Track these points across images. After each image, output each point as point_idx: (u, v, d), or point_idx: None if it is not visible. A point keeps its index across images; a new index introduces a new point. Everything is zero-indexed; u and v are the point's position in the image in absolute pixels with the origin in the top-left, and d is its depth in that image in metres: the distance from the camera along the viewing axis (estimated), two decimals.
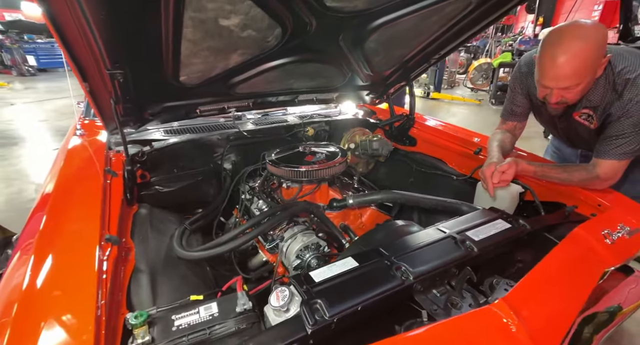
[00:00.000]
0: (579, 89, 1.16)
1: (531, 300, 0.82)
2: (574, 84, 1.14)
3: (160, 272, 1.03)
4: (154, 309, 0.82)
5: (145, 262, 1.01)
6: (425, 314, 0.83)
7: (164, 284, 1.00)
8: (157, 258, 1.08)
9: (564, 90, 1.17)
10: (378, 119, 2.28)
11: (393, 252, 1.00)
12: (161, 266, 1.06)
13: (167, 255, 1.13)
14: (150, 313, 0.80)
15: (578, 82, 1.13)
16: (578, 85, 1.14)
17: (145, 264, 1.01)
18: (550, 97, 1.21)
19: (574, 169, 1.29)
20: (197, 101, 1.50)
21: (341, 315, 0.80)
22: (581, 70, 1.11)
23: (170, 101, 1.38)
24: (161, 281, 1.00)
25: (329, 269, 0.94)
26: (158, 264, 1.06)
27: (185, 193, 1.65)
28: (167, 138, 1.65)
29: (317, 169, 1.47)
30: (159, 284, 0.99)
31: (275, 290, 0.86)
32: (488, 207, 1.29)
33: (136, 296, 0.92)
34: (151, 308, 0.82)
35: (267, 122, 2.02)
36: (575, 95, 1.19)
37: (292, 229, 1.30)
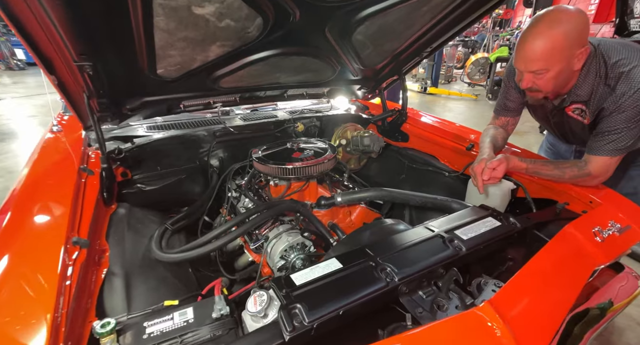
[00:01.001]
0: (550, 77, 1.13)
1: (519, 302, 0.78)
2: (542, 69, 1.11)
3: (136, 275, 0.98)
4: (125, 315, 0.78)
5: (120, 264, 0.97)
6: (410, 318, 0.80)
7: (139, 288, 0.96)
8: (133, 260, 1.03)
9: (534, 76, 1.15)
10: (371, 115, 2.24)
11: (379, 252, 0.97)
12: (137, 269, 1.01)
13: (145, 256, 1.09)
14: (120, 320, 0.76)
15: (546, 67, 1.11)
16: (547, 71, 1.12)
17: (120, 266, 0.96)
18: (521, 81, 1.19)
19: (565, 165, 1.25)
20: (180, 96, 1.44)
21: (321, 320, 0.76)
22: (549, 55, 1.08)
23: (149, 96, 1.33)
24: (136, 285, 0.96)
25: (311, 271, 0.90)
26: (134, 266, 1.01)
27: (169, 191, 1.60)
28: (150, 134, 1.59)
29: (304, 165, 1.43)
30: (134, 287, 0.95)
31: (253, 295, 0.82)
32: (479, 205, 1.26)
33: (109, 301, 0.87)
34: (121, 315, 0.78)
35: (256, 118, 1.97)
36: (546, 83, 1.15)
37: (277, 229, 1.26)
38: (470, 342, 0.69)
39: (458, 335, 0.69)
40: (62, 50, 0.85)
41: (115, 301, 0.89)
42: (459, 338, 0.69)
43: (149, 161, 1.55)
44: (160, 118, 1.78)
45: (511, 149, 1.61)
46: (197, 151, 1.73)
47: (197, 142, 1.71)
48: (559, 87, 1.21)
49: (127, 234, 1.12)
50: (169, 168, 1.62)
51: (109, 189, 1.20)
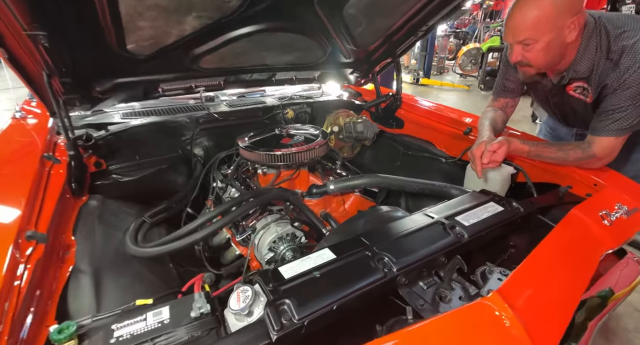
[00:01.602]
0: (539, 48, 1.08)
1: (528, 291, 0.71)
2: (529, 38, 1.07)
3: (107, 272, 0.89)
4: (89, 318, 0.69)
5: (88, 261, 0.87)
6: (411, 311, 0.72)
7: (110, 286, 0.86)
8: (104, 256, 0.93)
9: (523, 49, 1.11)
10: (364, 101, 2.14)
11: (375, 241, 0.89)
12: (109, 265, 0.91)
13: (118, 251, 0.99)
14: (83, 323, 0.67)
15: (534, 37, 1.06)
16: (535, 41, 1.07)
17: (89, 263, 0.86)
18: (510, 55, 1.15)
19: (569, 147, 1.19)
20: (157, 77, 1.32)
21: (313, 316, 0.68)
22: (536, 23, 1.04)
23: (122, 76, 1.21)
24: (107, 283, 0.86)
25: (301, 263, 0.82)
26: (105, 262, 0.91)
27: (149, 183, 1.49)
28: (127, 121, 1.47)
29: (294, 152, 1.33)
30: (104, 286, 0.85)
31: (236, 290, 0.74)
32: (479, 190, 1.19)
33: (75, 302, 0.78)
34: (85, 317, 0.69)
35: (243, 104, 1.86)
36: (536, 55, 1.10)
37: (266, 219, 1.17)
38: (479, 336, 0.61)
39: (466, 329, 0.62)
40: (8, 17, 0.73)
41: (83, 302, 0.79)
42: (467, 332, 0.62)
43: (126, 150, 1.44)
44: (137, 104, 1.66)
45: (509, 131, 1.54)
46: (178, 139, 1.62)
47: (178, 130, 1.59)
48: (551, 62, 1.15)
49: (98, 228, 1.02)
50: (148, 158, 1.50)
51: (79, 179, 1.09)
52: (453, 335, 0.61)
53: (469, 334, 0.61)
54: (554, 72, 1.25)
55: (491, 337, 0.61)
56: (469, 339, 0.60)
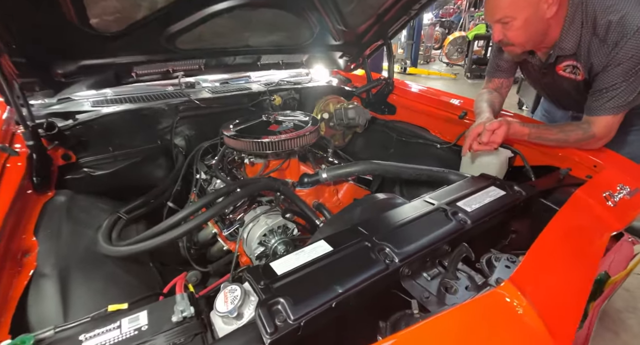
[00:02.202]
0: (518, 26, 1.07)
1: (540, 278, 0.66)
2: (506, 16, 1.06)
3: (75, 275, 0.79)
4: (51, 329, 0.60)
5: (53, 263, 0.77)
6: (416, 304, 0.66)
7: (79, 291, 0.77)
8: (72, 256, 0.83)
9: (502, 28, 1.10)
10: (354, 87, 2.06)
11: (374, 230, 0.82)
12: (78, 267, 0.82)
13: (89, 251, 0.89)
14: (42, 336, 0.58)
15: (511, 15, 1.05)
16: (513, 19, 1.06)
17: (53, 266, 0.76)
18: (492, 35, 1.15)
19: (570, 128, 1.14)
20: (129, 59, 1.20)
21: (310, 316, 0.61)
22: (511, 1, 1.03)
23: (88, 57, 1.08)
24: (76, 287, 0.77)
25: (295, 257, 0.75)
26: (73, 264, 0.81)
27: (125, 176, 1.37)
28: (97, 110, 1.34)
29: (283, 139, 1.25)
30: (72, 291, 0.75)
31: (223, 290, 0.66)
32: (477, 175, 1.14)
33: (36, 311, 0.68)
34: (46, 329, 0.60)
35: (227, 91, 1.75)
36: (516, 34, 1.09)
37: (255, 211, 1.09)
38: (495, 328, 0.56)
39: (480, 322, 0.56)
40: None
41: (46, 311, 0.70)
42: (482, 325, 0.56)
43: (98, 141, 1.31)
44: (109, 91, 1.52)
45: (504, 115, 1.50)
46: (156, 129, 1.50)
47: (156, 118, 1.47)
48: (533, 39, 1.13)
49: (66, 226, 0.91)
50: (123, 149, 1.38)
51: (43, 173, 0.98)
52: (467, 329, 0.56)
53: (484, 327, 0.56)
54: (541, 51, 1.22)
55: (507, 329, 0.55)
56: (485, 333, 0.55)
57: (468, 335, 0.55)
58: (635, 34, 0.99)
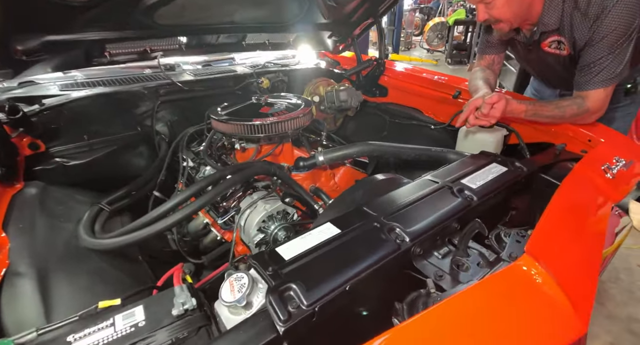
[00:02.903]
0: (501, 4, 1.08)
1: (555, 251, 0.65)
2: None
3: (56, 272, 0.71)
4: (32, 331, 0.53)
5: (28, 261, 0.69)
6: (432, 283, 0.64)
7: (63, 289, 0.69)
8: (51, 252, 0.75)
9: (486, 7, 1.10)
10: (343, 69, 2.00)
11: (381, 211, 0.79)
12: (58, 264, 0.74)
13: (70, 246, 0.81)
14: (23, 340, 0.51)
15: None
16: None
17: (29, 263, 0.68)
18: (477, 15, 1.15)
19: (565, 104, 1.15)
20: (101, 35, 1.08)
21: (324, 300, 0.57)
22: None
23: (53, 32, 0.96)
24: (59, 285, 0.69)
25: (302, 241, 0.70)
26: (53, 261, 0.74)
27: (103, 166, 1.27)
28: (67, 93, 1.22)
29: (276, 121, 1.18)
30: (54, 289, 0.68)
31: (229, 279, 0.61)
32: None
33: (12, 314, 0.61)
34: (27, 331, 0.53)
35: (210, 73, 1.64)
36: (500, 11, 1.10)
37: (251, 197, 1.03)
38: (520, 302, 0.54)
39: (501, 297, 0.55)
40: None
41: (24, 312, 0.62)
42: (503, 300, 0.54)
43: (71, 129, 1.20)
44: (79, 73, 1.38)
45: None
46: (135, 114, 1.38)
47: (133, 103, 1.36)
48: (518, 14, 1.12)
49: (40, 220, 0.82)
50: (99, 137, 1.27)
51: (7, 163, 0.87)
52: (490, 304, 0.54)
53: (507, 302, 0.54)
54: (526, 28, 1.22)
55: (530, 302, 0.54)
56: (508, 307, 0.53)
57: (492, 310, 0.53)
58: (615, 5, 0.99)
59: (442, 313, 0.50)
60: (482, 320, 0.50)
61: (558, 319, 0.51)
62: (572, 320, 0.50)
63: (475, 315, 0.51)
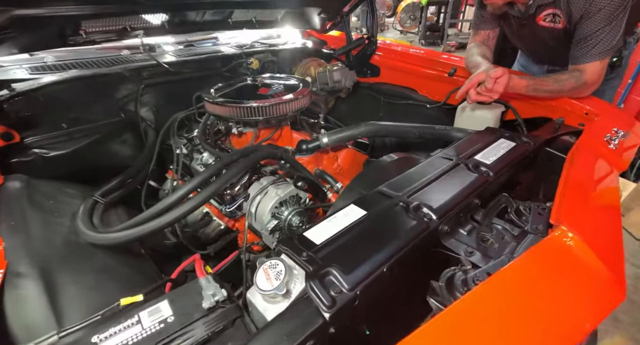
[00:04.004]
0: None
1: (582, 221, 0.67)
2: None
3: (60, 271, 0.65)
4: (53, 334, 0.47)
5: (28, 260, 0.62)
6: (468, 260, 0.64)
7: (69, 289, 0.64)
8: (50, 250, 0.68)
9: None
10: (331, 49, 1.93)
11: (401, 191, 0.78)
12: (60, 262, 0.67)
13: (70, 243, 0.74)
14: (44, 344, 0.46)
15: None
16: None
17: (29, 263, 0.62)
18: None
19: (564, 78, 1.17)
20: (76, 11, 0.96)
21: (365, 284, 0.56)
22: None
23: (22, 5, 0.83)
24: (64, 284, 0.63)
25: (329, 224, 0.68)
26: (55, 258, 0.67)
27: (86, 157, 1.17)
28: (37, 77, 1.08)
29: (276, 103, 1.12)
30: (60, 290, 0.62)
31: (262, 266, 0.58)
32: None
33: (18, 318, 0.54)
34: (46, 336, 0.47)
35: (194, 55, 1.52)
36: None
37: (259, 183, 0.98)
38: (564, 273, 0.55)
39: (547, 269, 0.55)
40: None
41: (33, 315, 0.56)
42: (548, 272, 0.55)
43: (47, 116, 1.08)
44: (50, 55, 1.24)
45: None
46: (116, 99, 1.27)
47: (114, 86, 1.24)
48: None
49: (32, 216, 0.74)
50: (79, 125, 1.16)
51: None
52: (537, 277, 0.54)
53: (554, 273, 0.55)
54: (521, 1, 1.23)
55: (575, 273, 0.55)
56: (557, 278, 0.54)
57: (541, 283, 0.53)
58: None
59: (496, 289, 0.50)
60: (535, 293, 0.51)
61: (601, 287, 0.52)
62: (613, 287, 0.52)
63: (527, 289, 0.52)
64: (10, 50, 0.96)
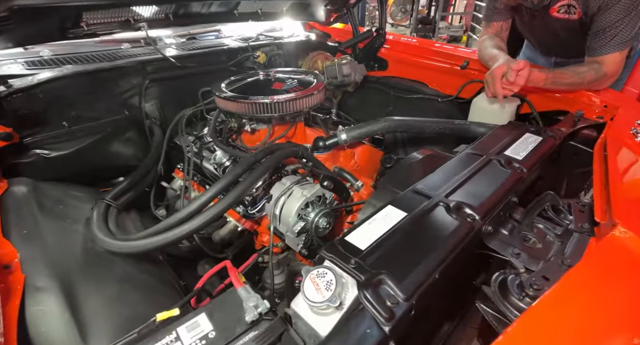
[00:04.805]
0: None
1: (635, 216, 0.65)
2: None
3: (81, 283, 0.60)
4: None
5: (47, 272, 0.57)
6: (519, 263, 0.61)
7: (92, 301, 0.59)
8: (69, 260, 0.63)
9: None
10: (336, 42, 1.88)
11: (437, 189, 0.74)
12: (80, 272, 0.62)
13: (88, 251, 0.69)
14: None
15: None
16: None
17: (49, 275, 0.57)
18: None
19: (583, 70, 1.15)
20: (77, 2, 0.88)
21: (420, 292, 0.53)
22: None
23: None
24: (86, 297, 0.59)
25: (370, 227, 0.65)
26: (74, 269, 0.62)
27: (88, 157, 1.11)
28: (35, 73, 1.01)
29: (293, 98, 1.07)
30: (82, 302, 0.57)
31: (309, 276, 0.54)
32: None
33: (42, 337, 0.49)
34: None
35: (200, 48, 1.45)
36: None
37: (282, 183, 0.93)
38: (629, 272, 0.53)
39: (612, 270, 0.53)
40: None
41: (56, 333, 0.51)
42: (616, 272, 0.53)
43: (47, 114, 1.01)
44: (46, 49, 1.15)
45: None
46: (119, 95, 1.20)
47: (118, 82, 1.17)
48: None
49: (45, 223, 0.69)
50: (82, 123, 1.09)
51: None
52: (611, 279, 0.52)
53: (624, 275, 0.52)
54: None
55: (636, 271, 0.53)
56: (622, 278, 0.52)
57: (612, 285, 0.51)
58: None
59: (567, 295, 0.47)
60: (609, 297, 0.48)
61: None
62: None
63: (600, 293, 0.49)
64: (7, 43, 0.88)
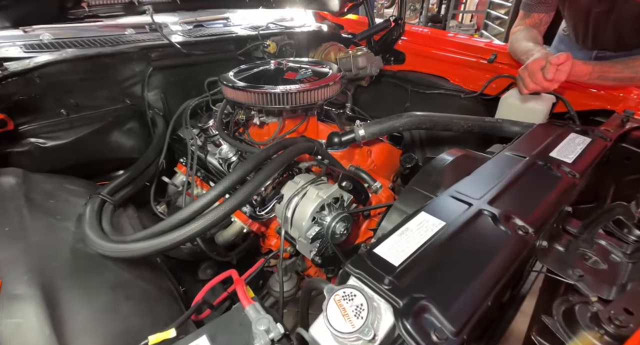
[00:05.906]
0: None
1: None
2: None
3: (66, 290, 0.51)
4: None
5: (27, 277, 0.48)
6: (588, 289, 0.50)
7: (78, 313, 0.50)
8: (54, 264, 0.54)
9: None
10: (349, 33, 1.77)
11: (477, 195, 0.64)
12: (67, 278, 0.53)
13: (77, 253, 0.59)
14: None
15: None
16: None
17: (29, 280, 0.48)
18: None
19: (636, 63, 1.03)
20: None
21: (472, 323, 0.42)
22: None
23: None
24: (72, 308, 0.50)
25: (401, 238, 0.54)
26: (60, 275, 0.53)
27: (87, 147, 1.03)
28: (32, 56, 0.92)
29: (308, 89, 0.97)
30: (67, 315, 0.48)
31: (333, 297, 0.44)
32: None
33: None
34: None
35: (207, 35, 1.35)
36: None
37: (294, 182, 0.83)
38: None
39: None
40: None
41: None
42: None
43: (45, 101, 0.93)
44: (46, 32, 1.06)
45: None
46: (120, 83, 1.11)
47: (119, 69, 1.08)
48: None
49: (31, 220, 0.60)
50: (81, 111, 1.01)
51: None
52: None
53: None
54: None
55: None
56: None
57: None
58: None
59: None
60: None
61: None
62: None
63: None
64: (4, 23, 0.80)
